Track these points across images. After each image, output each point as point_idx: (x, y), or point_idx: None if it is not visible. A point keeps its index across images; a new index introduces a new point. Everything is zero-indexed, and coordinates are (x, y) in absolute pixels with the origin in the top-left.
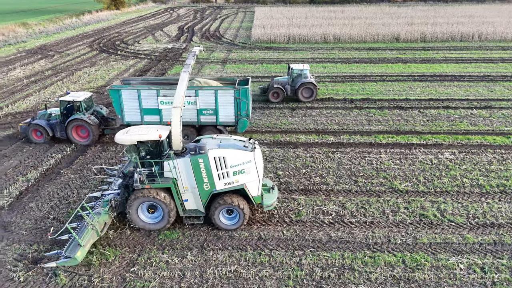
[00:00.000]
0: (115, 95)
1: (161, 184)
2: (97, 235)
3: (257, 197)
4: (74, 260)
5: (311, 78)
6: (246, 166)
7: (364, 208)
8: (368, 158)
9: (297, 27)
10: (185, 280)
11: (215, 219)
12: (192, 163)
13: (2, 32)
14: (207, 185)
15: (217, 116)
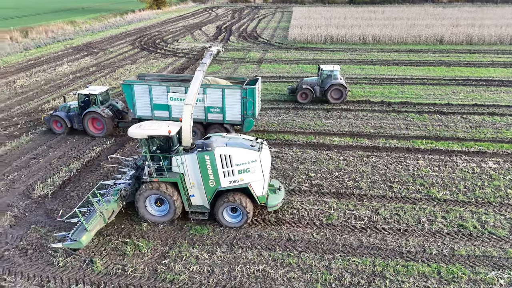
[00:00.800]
0: (127, 89)
1: (168, 178)
2: (104, 222)
3: (262, 197)
4: (79, 243)
5: (341, 79)
6: (251, 165)
7: (398, 215)
8: (405, 163)
9: (335, 28)
10: (213, 275)
11: (219, 216)
12: (199, 160)
13: (52, 30)
14: (212, 182)
15: (224, 114)
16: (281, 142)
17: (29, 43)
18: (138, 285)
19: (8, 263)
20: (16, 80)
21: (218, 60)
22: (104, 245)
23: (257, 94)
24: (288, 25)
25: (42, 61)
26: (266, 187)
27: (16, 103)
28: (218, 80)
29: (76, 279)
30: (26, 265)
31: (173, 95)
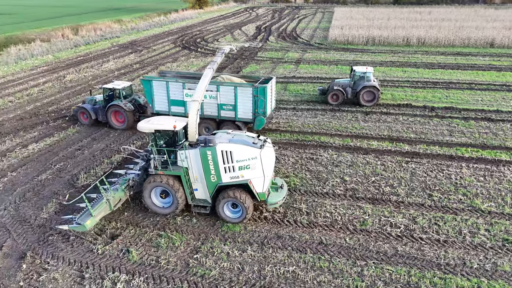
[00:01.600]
0: (146, 85)
1: (172, 171)
2: (109, 209)
3: (262, 194)
4: (83, 227)
5: (374, 81)
6: (252, 162)
7: (438, 225)
8: (447, 171)
9: (378, 29)
10: (243, 273)
11: (220, 211)
12: (201, 155)
13: (100, 28)
14: (214, 177)
15: (236, 112)
16: (316, 144)
17: (79, 40)
18: (170, 277)
19: (52, 247)
20: (66, 75)
21: (256, 60)
22: (140, 236)
23: (269, 93)
24: (329, 25)
25: (90, 58)
26: (267, 184)
27: (65, 97)
28: (232, 78)
29: (113, 267)
30: (68, 251)
31: (189, 91)
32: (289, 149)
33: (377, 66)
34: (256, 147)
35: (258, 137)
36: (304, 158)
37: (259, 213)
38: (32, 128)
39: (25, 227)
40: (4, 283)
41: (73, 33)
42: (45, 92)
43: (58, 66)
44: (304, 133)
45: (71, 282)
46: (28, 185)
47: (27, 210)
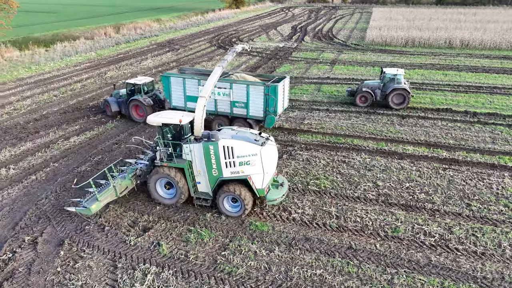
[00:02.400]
0: (165, 81)
1: (176, 164)
2: (115, 195)
3: (261, 190)
4: (88, 210)
5: (405, 84)
6: (252, 158)
7: (475, 236)
8: (488, 181)
9: (418, 30)
10: (270, 273)
11: (220, 204)
12: (204, 149)
13: (140, 27)
14: (215, 171)
15: (248, 109)
16: (349, 147)
17: (120, 38)
18: (198, 272)
19: (88, 236)
20: (107, 72)
21: (290, 60)
22: (171, 230)
23: (280, 92)
24: (366, 26)
25: (130, 55)
26: (267, 181)
27: (106, 93)
28: (246, 76)
29: (144, 258)
30: (103, 240)
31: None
32: (321, 151)
33: (415, 69)
34: (257, 144)
35: (260, 135)
36: (336, 161)
37: (287, 214)
38: (74, 121)
39: (64, 216)
40: (43, 267)
41: (115, 32)
42: (87, 88)
43: (100, 63)
44: (337, 135)
45: (105, 270)
46: (69, 176)
47: (67, 200)
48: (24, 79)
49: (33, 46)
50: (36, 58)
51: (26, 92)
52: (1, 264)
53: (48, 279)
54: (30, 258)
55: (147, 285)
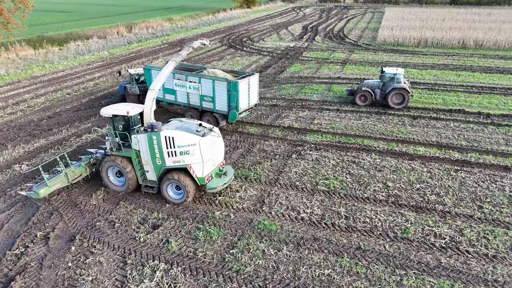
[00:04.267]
0: (147, 73)
1: (123, 153)
2: (67, 182)
3: (201, 179)
4: (37, 194)
5: (405, 83)
6: (191, 148)
7: (487, 239)
8: (500, 183)
9: (431, 30)
10: (278, 272)
11: (163, 192)
12: (148, 139)
13: (152, 26)
14: (159, 160)
15: (214, 104)
16: (359, 147)
17: (132, 37)
18: (206, 270)
19: (99, 232)
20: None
21: (301, 60)
22: (180, 228)
23: (243, 88)
24: (378, 26)
25: (142, 54)
26: (208, 170)
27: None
28: (216, 72)
29: (153, 255)
30: (113, 237)
31: (177, 81)
32: (330, 151)
33: (428, 69)
34: (197, 135)
35: (200, 125)
36: (345, 161)
37: (296, 214)
38: (86, 119)
39: (75, 212)
40: (54, 262)
41: (127, 31)
42: (100, 86)
43: (112, 62)
44: (347, 135)
45: (115, 266)
46: None
47: (78, 196)
48: (38, 77)
49: (47, 45)
50: (50, 57)
51: (40, 90)
52: (14, 258)
53: (59, 273)
54: (42, 253)
55: (156, 282)
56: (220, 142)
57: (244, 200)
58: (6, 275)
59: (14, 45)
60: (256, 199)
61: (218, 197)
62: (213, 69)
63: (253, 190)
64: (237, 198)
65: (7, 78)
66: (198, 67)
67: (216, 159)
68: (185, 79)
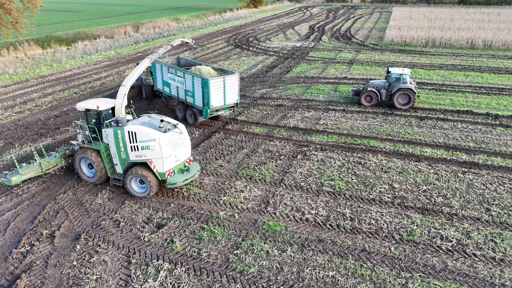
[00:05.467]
0: (153, 67)
1: (93, 146)
2: (41, 171)
3: (162, 174)
4: (9, 181)
5: (411, 83)
6: (151, 143)
7: (494, 242)
8: (508, 185)
9: (439, 30)
10: (282, 273)
11: (127, 185)
12: (114, 134)
13: (159, 26)
14: (123, 154)
15: (194, 99)
16: (365, 148)
17: (139, 37)
18: (210, 270)
19: (104, 231)
20: (125, 70)
21: (307, 60)
22: (184, 228)
23: (215, 86)
24: (386, 26)
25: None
26: (169, 165)
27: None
28: (201, 69)
29: (157, 255)
30: (118, 236)
31: (170, 75)
32: (336, 152)
33: (436, 69)
34: (159, 131)
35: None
36: (351, 162)
37: (301, 214)
38: None
39: (81, 210)
40: (59, 261)
41: (134, 31)
42: (106, 85)
43: (118, 61)
44: (353, 136)
45: (119, 265)
46: None
47: (84, 195)
48: (45, 76)
49: (55, 44)
50: (57, 56)
51: (47, 89)
52: (20, 256)
53: (64, 272)
54: (48, 252)
55: (159, 281)
56: (185, 139)
57: (249, 201)
58: (12, 273)
59: (22, 45)
60: (260, 200)
61: (222, 197)
62: (202, 65)
63: (258, 191)
64: (241, 198)
65: (16, 77)
66: (195, 63)
67: (180, 156)
68: (175, 73)
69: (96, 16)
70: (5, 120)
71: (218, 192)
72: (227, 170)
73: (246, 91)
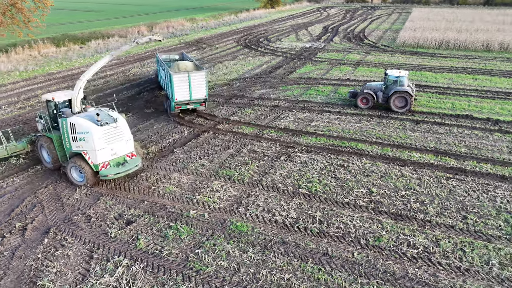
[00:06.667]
0: (157, 60)
1: (48, 134)
2: (6, 154)
3: (95, 165)
4: None
5: (409, 86)
6: (86, 136)
7: (463, 251)
8: (493, 193)
9: (456, 31)
10: (238, 274)
11: (68, 173)
12: (61, 124)
13: (173, 26)
14: (68, 143)
15: (168, 92)
16: (351, 151)
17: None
18: (168, 268)
19: (74, 226)
20: (131, 69)
21: (314, 61)
22: (152, 225)
23: (179, 81)
24: (402, 27)
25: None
26: (103, 158)
27: (125, 89)
28: (181, 64)
29: (120, 251)
30: (86, 231)
31: (160, 69)
32: (321, 154)
33: (444, 72)
34: (94, 124)
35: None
36: (334, 165)
37: (271, 216)
38: None
39: (57, 205)
40: (26, 253)
41: (148, 30)
42: (109, 84)
43: (126, 60)
44: (342, 139)
45: (81, 260)
46: None
47: (64, 190)
48: (53, 74)
49: (69, 43)
50: (69, 55)
51: (52, 86)
52: None
53: (27, 264)
54: (17, 244)
55: (116, 277)
56: (124, 133)
57: (222, 201)
58: None
59: (37, 43)
60: (234, 200)
61: (197, 196)
62: (182, 61)
63: (234, 191)
64: (215, 198)
65: (25, 74)
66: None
67: (117, 149)
68: (162, 68)
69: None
70: (6, 115)
71: (193, 191)
72: (207, 169)
73: (245, 91)
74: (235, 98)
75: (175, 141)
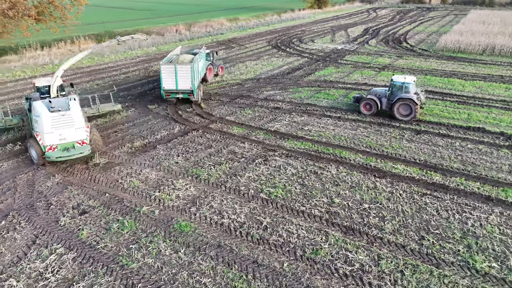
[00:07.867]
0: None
1: (28, 114)
2: (2, 125)
3: (43, 146)
4: None
5: (416, 93)
6: (39, 119)
7: (403, 274)
8: (467, 215)
9: (508, 36)
10: (158, 274)
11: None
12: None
13: (211, 25)
14: (32, 124)
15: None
16: (332, 158)
17: (187, 35)
18: (96, 260)
19: (33, 212)
20: (154, 66)
21: (338, 63)
22: (102, 217)
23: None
24: (450, 30)
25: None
26: (52, 141)
27: (140, 85)
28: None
29: (62, 239)
30: (42, 217)
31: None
32: (299, 159)
33: (476, 80)
34: (47, 109)
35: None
36: (307, 171)
37: (219, 218)
38: None
39: (28, 191)
40: None
41: (186, 29)
42: (129, 79)
43: (153, 57)
44: (328, 145)
45: (23, 244)
46: None
47: (40, 177)
48: (82, 68)
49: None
50: (104, 50)
51: (74, 80)
52: None
53: None
54: None
55: (46, 264)
56: (75, 121)
57: (179, 199)
58: None
59: (79, 39)
60: (190, 199)
61: (156, 192)
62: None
63: (194, 190)
64: (173, 196)
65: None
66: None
67: (66, 135)
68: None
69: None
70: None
71: (156, 187)
72: (179, 167)
73: (253, 92)
74: (240, 98)
75: (162, 137)
